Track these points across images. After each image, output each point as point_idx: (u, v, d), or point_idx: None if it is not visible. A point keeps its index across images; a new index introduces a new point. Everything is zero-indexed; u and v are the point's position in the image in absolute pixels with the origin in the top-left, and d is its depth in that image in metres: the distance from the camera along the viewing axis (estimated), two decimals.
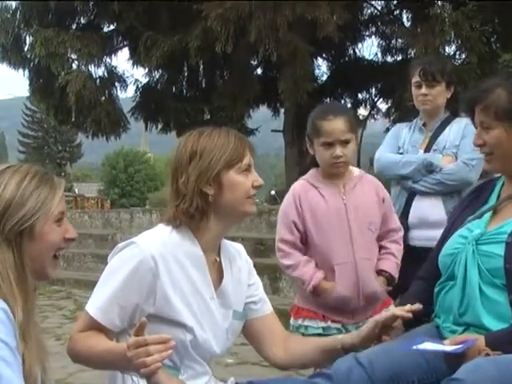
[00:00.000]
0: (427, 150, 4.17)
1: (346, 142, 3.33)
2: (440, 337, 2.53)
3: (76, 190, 57.87)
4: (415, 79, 4.20)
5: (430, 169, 4.07)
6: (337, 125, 3.30)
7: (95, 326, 2.29)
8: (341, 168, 3.39)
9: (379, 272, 3.47)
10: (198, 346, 2.34)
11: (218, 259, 2.48)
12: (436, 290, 2.67)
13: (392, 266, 3.50)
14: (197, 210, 2.33)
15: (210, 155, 2.33)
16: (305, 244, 3.45)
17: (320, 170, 3.48)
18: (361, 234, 3.40)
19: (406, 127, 4.34)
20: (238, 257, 2.58)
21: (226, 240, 2.57)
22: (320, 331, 3.40)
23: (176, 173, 2.38)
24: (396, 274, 3.52)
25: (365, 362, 2.30)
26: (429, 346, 2.32)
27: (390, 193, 4.17)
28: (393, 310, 2.43)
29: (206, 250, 2.41)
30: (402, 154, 4.22)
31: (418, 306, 2.45)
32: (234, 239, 8.84)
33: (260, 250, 9.65)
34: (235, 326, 2.50)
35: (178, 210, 2.35)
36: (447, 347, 2.32)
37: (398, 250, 3.56)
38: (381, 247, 3.52)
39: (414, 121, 4.36)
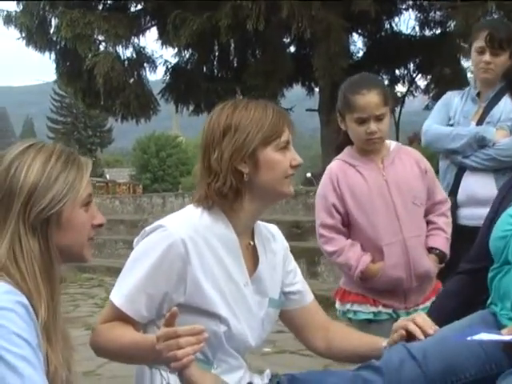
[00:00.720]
0: (480, 122, 3.94)
1: (380, 117, 3.19)
2: (497, 325, 2.37)
3: (107, 176, 58.30)
4: (479, 44, 3.90)
5: (482, 143, 3.85)
6: (371, 99, 3.17)
7: (121, 317, 2.16)
8: (377, 144, 3.26)
9: (429, 249, 3.33)
10: (233, 338, 2.19)
11: (251, 243, 2.33)
12: (490, 275, 2.50)
13: (442, 241, 3.35)
14: (231, 189, 2.18)
15: (246, 130, 2.18)
16: (347, 226, 3.31)
17: (355, 147, 3.33)
18: (406, 209, 3.25)
19: (457, 96, 4.11)
20: (272, 240, 2.43)
21: (259, 222, 2.42)
22: (370, 316, 3.28)
23: (208, 149, 2.22)
24: (447, 250, 3.36)
25: (417, 354, 2.14)
26: (485, 336, 2.16)
27: (437, 166, 4.04)
28: (420, 322, 2.25)
29: (240, 233, 2.26)
30: (452, 125, 4.01)
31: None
32: (268, 222, 8.74)
33: (296, 233, 9.53)
34: (271, 315, 2.35)
35: (210, 188, 2.20)
36: (506, 336, 2.16)
37: (446, 223, 3.40)
38: (428, 222, 3.37)
39: (467, 89, 4.12)
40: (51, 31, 15.05)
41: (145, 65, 15.78)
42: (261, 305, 2.30)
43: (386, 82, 17.24)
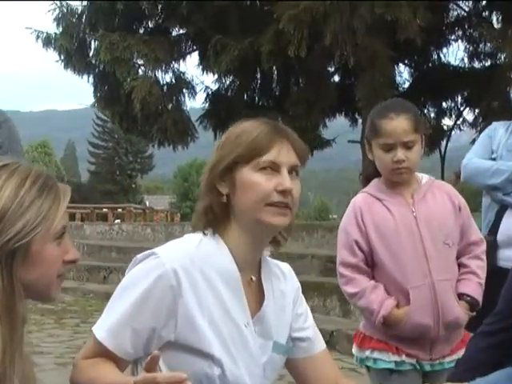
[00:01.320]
0: None
1: (409, 144, 3.01)
2: None
3: (147, 203, 58.53)
4: None
5: None
6: (399, 124, 3.01)
7: (104, 353, 1.99)
8: (404, 174, 3.07)
9: (460, 296, 3.09)
10: (228, 383, 2.00)
11: (253, 278, 2.13)
12: None
13: (475, 287, 3.12)
14: (212, 210, 2.05)
15: (228, 145, 2.05)
16: (371, 266, 3.10)
17: (382, 179, 3.12)
18: (436, 250, 3.04)
19: (502, 127, 3.92)
20: (282, 279, 2.24)
21: (270, 259, 2.23)
22: (392, 366, 3.07)
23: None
24: (480, 298, 3.13)
25: None
26: None
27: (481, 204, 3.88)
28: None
29: (241, 266, 2.08)
30: (494, 159, 3.79)
31: None
32: (303, 256, 8.58)
33: (331, 268, 9.28)
34: (275, 361, 2.16)
35: (197, 210, 2.08)
36: None
37: (480, 267, 3.17)
38: (460, 265, 3.14)
39: None
40: (90, 54, 15.08)
41: (184, 90, 15.71)
42: (264, 348, 2.11)
43: (433, 115, 17.04)
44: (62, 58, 15.04)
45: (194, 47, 15.74)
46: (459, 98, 16.86)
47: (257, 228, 2.07)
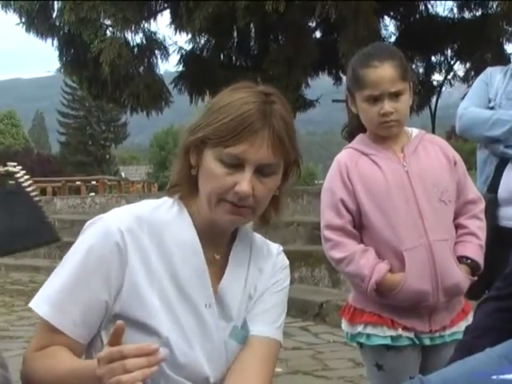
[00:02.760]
0: None
1: (397, 94, 2.86)
2: None
3: (122, 174, 58.44)
4: None
5: None
6: (384, 72, 2.83)
7: (54, 339, 1.84)
8: (393, 128, 2.91)
9: (459, 259, 2.96)
10: (181, 367, 1.86)
11: (217, 257, 1.99)
12: None
13: (475, 250, 2.99)
14: (180, 175, 1.94)
15: (211, 115, 1.88)
16: (359, 228, 2.96)
17: (368, 133, 2.99)
18: (432, 207, 2.90)
19: (499, 73, 3.78)
20: (266, 257, 2.07)
21: (259, 236, 2.10)
22: (388, 342, 2.92)
23: None
24: (481, 260, 3.00)
25: None
26: None
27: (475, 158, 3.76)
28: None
29: (206, 240, 1.94)
30: (492, 108, 3.68)
31: None
32: (288, 224, 8.44)
33: (319, 235, 9.20)
34: (232, 349, 1.98)
35: (171, 173, 1.98)
36: None
37: (480, 227, 3.04)
38: (458, 226, 3.01)
39: (511, 65, 3.79)
40: (54, 15, 14.88)
41: (156, 52, 15.60)
42: (225, 333, 1.97)
43: (421, 70, 16.97)
44: (23, 20, 14.83)
45: (165, 5, 15.59)
46: (449, 51, 16.85)
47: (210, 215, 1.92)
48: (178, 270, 1.88)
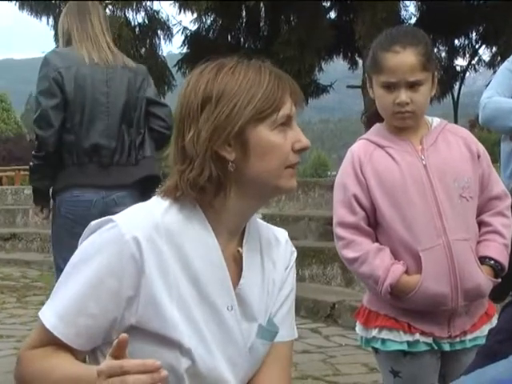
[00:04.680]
0: None
1: (416, 84, 2.84)
2: None
3: None
4: None
5: None
6: (405, 59, 2.82)
7: (54, 341, 1.86)
8: (407, 120, 2.90)
9: (482, 259, 2.96)
10: (200, 377, 1.88)
11: (240, 250, 2.01)
12: None
13: (499, 249, 2.98)
14: (209, 181, 1.87)
15: (231, 101, 1.86)
16: (373, 225, 2.96)
17: (385, 123, 2.99)
18: (452, 204, 2.88)
19: None
20: (275, 247, 2.10)
21: (263, 222, 2.11)
22: (404, 347, 2.91)
23: (182, 125, 1.92)
24: (505, 261, 2.99)
25: None
26: None
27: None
28: None
29: (223, 237, 1.95)
30: None
31: None
32: (298, 218, 8.44)
33: (331, 231, 9.21)
34: (259, 350, 2.01)
35: (183, 179, 1.89)
36: None
37: (505, 225, 3.03)
38: (480, 223, 3.01)
39: None
40: None
41: (159, 32, 15.62)
42: (249, 334, 1.99)
43: (444, 55, 16.95)
44: None
45: None
46: (474, 34, 16.87)
47: (267, 194, 1.98)
48: (198, 274, 1.88)
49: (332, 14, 16.80)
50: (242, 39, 16.68)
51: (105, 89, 4.39)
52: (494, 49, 16.45)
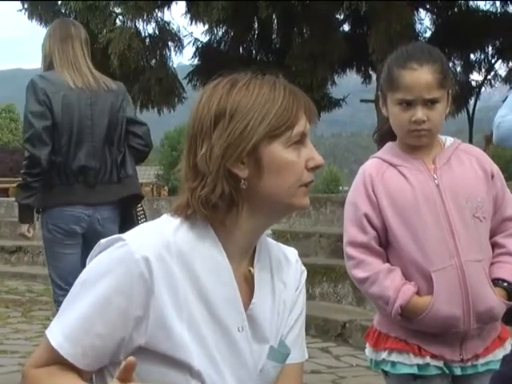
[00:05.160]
0: None
1: (432, 102, 2.84)
2: None
3: None
4: None
5: None
6: (422, 77, 2.82)
7: (60, 360, 1.86)
8: (423, 138, 2.90)
9: (495, 281, 2.95)
10: None
11: (252, 270, 2.00)
12: None
13: None
14: (222, 198, 1.88)
15: (245, 118, 1.87)
16: (384, 245, 2.96)
17: (398, 141, 2.99)
18: (465, 224, 2.88)
19: None
20: (285, 266, 2.10)
21: (272, 241, 2.10)
22: (414, 371, 2.89)
23: (195, 141, 1.92)
24: None
25: None
26: None
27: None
28: None
29: (234, 256, 1.94)
30: None
31: None
32: (309, 235, 8.39)
33: (342, 248, 9.18)
34: (269, 371, 2.01)
35: (194, 196, 1.89)
36: None
37: None
38: (494, 245, 3.00)
39: None
40: (59, 2, 14.94)
41: (169, 44, 15.64)
42: (260, 356, 1.98)
43: (459, 69, 16.93)
44: (26, 6, 14.93)
45: None
46: (490, 48, 16.82)
47: (280, 212, 1.99)
48: (208, 294, 1.88)
49: (345, 27, 16.83)
50: (253, 51, 16.69)
51: (89, 112, 4.69)
52: (511, 63, 16.43)
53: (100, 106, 4.70)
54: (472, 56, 17.02)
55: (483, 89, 17.49)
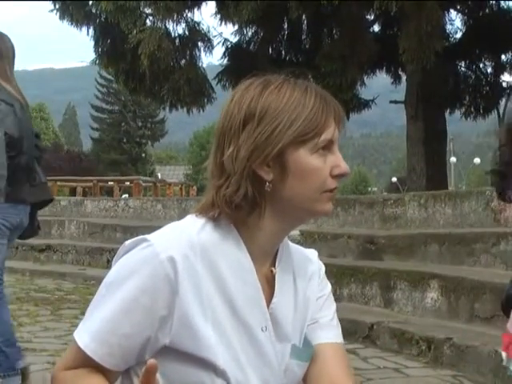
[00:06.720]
0: None
1: None
2: None
3: (159, 175, 58.66)
4: None
5: None
6: None
7: (88, 362, 1.88)
8: None
9: None
10: None
11: (274, 270, 2.01)
12: None
13: None
14: (245, 199, 1.87)
15: (274, 121, 1.86)
16: None
17: None
18: None
19: None
20: (308, 265, 2.11)
21: (290, 243, 2.11)
22: None
23: (223, 140, 1.92)
24: None
25: None
26: None
27: None
28: None
29: (257, 256, 1.95)
30: None
31: None
32: (337, 236, 8.36)
33: (370, 250, 9.17)
34: (294, 370, 2.01)
35: (219, 194, 1.90)
36: None
37: None
38: None
39: None
40: (90, 2, 15.00)
41: (199, 44, 15.62)
42: (283, 355, 1.99)
43: (490, 70, 16.82)
44: (58, 6, 14.99)
45: None
46: None
47: (302, 217, 1.98)
48: (232, 294, 1.88)
49: (375, 28, 16.75)
50: (283, 52, 16.65)
51: (30, 125, 5.21)
52: None
53: (28, 118, 5.23)
54: (503, 57, 16.87)
55: None
